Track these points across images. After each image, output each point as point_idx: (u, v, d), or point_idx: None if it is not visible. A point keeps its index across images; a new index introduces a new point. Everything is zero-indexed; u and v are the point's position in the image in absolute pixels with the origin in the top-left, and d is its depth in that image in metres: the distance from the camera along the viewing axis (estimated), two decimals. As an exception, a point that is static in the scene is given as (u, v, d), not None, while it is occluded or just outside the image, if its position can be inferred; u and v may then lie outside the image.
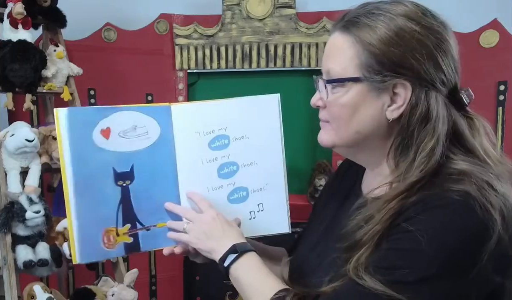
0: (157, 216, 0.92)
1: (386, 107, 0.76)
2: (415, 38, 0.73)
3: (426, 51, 0.73)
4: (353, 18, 0.78)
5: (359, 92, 0.77)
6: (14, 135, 1.39)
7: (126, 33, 1.91)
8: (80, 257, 0.88)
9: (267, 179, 0.94)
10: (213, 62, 1.93)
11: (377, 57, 0.74)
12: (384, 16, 0.75)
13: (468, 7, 1.85)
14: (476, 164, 0.73)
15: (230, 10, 1.89)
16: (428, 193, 0.70)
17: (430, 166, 0.73)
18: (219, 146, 0.93)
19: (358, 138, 0.80)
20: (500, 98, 1.81)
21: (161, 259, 2.00)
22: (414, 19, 0.74)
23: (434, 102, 0.74)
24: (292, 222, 1.04)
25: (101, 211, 0.89)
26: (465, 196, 0.68)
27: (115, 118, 0.89)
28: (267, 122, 0.94)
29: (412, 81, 0.74)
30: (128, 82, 1.90)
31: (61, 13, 1.59)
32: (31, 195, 1.37)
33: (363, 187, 0.87)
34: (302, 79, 1.92)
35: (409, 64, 0.73)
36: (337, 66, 0.78)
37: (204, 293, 2.02)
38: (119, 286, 1.46)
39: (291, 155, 2.01)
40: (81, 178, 0.87)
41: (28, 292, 1.34)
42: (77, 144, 0.86)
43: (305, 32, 1.88)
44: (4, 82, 1.44)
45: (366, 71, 0.75)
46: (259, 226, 0.95)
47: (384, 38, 0.74)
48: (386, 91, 0.76)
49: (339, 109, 0.79)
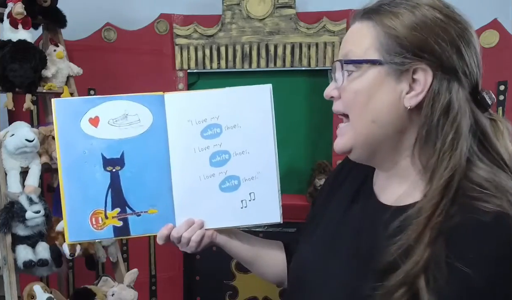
0: (149, 203, 0.94)
1: (404, 94, 0.73)
2: (437, 25, 0.72)
3: (449, 37, 0.72)
4: (374, 7, 0.77)
5: (377, 75, 0.74)
6: (14, 135, 1.39)
7: (126, 33, 1.91)
8: (71, 235, 0.94)
9: (259, 168, 0.95)
10: (213, 62, 1.93)
11: (397, 39, 0.72)
12: (407, 4, 0.74)
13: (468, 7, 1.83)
14: (502, 172, 0.71)
15: (230, 10, 1.89)
16: (470, 216, 0.66)
17: (456, 163, 0.69)
18: (211, 135, 0.94)
19: (375, 130, 0.75)
20: (500, 98, 1.81)
21: (161, 259, 2.00)
22: (437, 8, 0.73)
23: (455, 94, 0.71)
24: (292, 222, 1.05)
25: (89, 193, 0.93)
26: (503, 217, 0.65)
27: (104, 107, 0.93)
28: (259, 111, 0.95)
29: (433, 66, 0.71)
30: (128, 82, 1.89)
31: (61, 13, 1.59)
32: (31, 195, 1.37)
33: (376, 189, 0.84)
34: (302, 79, 1.93)
35: (431, 48, 0.71)
36: (357, 48, 0.76)
37: (204, 293, 2.02)
38: (119, 286, 1.46)
39: (291, 155, 2.03)
40: (70, 162, 0.93)
41: (28, 292, 1.34)
42: (65, 132, 0.93)
43: (305, 32, 1.88)
44: (4, 82, 1.44)
45: (386, 54, 0.73)
46: (251, 215, 0.95)
47: (406, 23, 0.72)
48: (405, 76, 0.73)
49: (354, 95, 0.76)
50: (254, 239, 1.03)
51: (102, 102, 0.94)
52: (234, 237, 1.00)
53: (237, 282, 1.98)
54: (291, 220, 1.05)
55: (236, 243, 0.99)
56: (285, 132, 1.91)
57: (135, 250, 1.96)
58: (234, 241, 0.99)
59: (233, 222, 0.96)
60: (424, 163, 0.74)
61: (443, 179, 0.69)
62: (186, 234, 0.93)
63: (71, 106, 0.94)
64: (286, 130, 1.90)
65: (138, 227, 0.95)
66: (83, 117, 0.93)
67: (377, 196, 0.82)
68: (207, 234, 0.95)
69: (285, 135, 1.92)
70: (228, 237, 0.98)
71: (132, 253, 1.96)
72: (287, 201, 0.91)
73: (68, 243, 0.97)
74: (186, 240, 0.94)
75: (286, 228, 1.07)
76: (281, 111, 1.03)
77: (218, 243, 0.98)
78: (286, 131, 1.91)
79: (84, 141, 0.92)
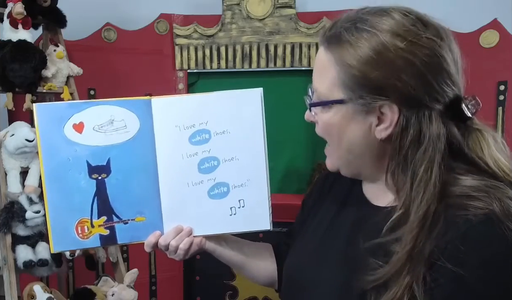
0: (136, 210, 0.93)
1: (375, 127, 0.73)
2: (400, 56, 0.68)
3: (413, 70, 0.68)
4: (336, 32, 0.74)
5: (345, 113, 0.74)
6: (14, 135, 1.39)
7: (126, 33, 1.91)
8: (55, 245, 0.92)
9: (248, 175, 0.93)
10: (213, 62, 1.93)
11: (357, 79, 0.70)
12: (367, 32, 0.70)
13: (468, 7, 1.85)
14: (489, 177, 0.70)
15: (230, 10, 1.89)
16: (459, 219, 0.66)
17: (432, 194, 0.68)
18: (200, 141, 0.92)
19: (351, 157, 0.78)
20: (500, 98, 1.81)
21: (161, 259, 2.00)
22: (401, 34, 0.69)
23: (426, 122, 0.69)
24: (292, 222, 1.05)
25: (74, 202, 0.91)
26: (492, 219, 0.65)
27: (89, 113, 0.91)
28: (249, 117, 0.92)
29: (398, 102, 0.69)
30: (128, 82, 1.89)
31: (61, 13, 1.59)
32: (31, 195, 1.38)
33: (365, 192, 0.84)
34: (302, 79, 1.92)
35: (393, 86, 0.69)
36: (322, 86, 0.76)
37: (204, 293, 2.02)
38: (119, 286, 1.46)
39: (291, 155, 2.03)
40: (53, 170, 0.90)
41: (28, 292, 1.34)
42: (47, 138, 0.90)
43: (305, 32, 1.88)
44: (4, 82, 1.44)
45: (349, 92, 0.72)
46: (240, 223, 0.93)
47: (365, 58, 0.69)
48: (372, 112, 0.72)
49: (326, 128, 0.78)
50: (244, 244, 1.02)
51: (87, 107, 0.91)
52: (224, 243, 0.98)
53: (237, 282, 1.98)
54: (291, 220, 1.05)
55: (226, 249, 0.98)
56: (285, 132, 1.91)
57: (135, 250, 1.96)
58: (224, 247, 0.98)
59: (222, 229, 0.95)
60: (400, 187, 0.73)
61: (421, 211, 0.68)
62: (173, 242, 0.92)
63: (54, 112, 0.91)
64: (286, 130, 1.90)
65: (125, 235, 0.93)
66: (66, 122, 0.90)
67: (369, 200, 0.83)
68: (195, 241, 0.93)
69: (285, 135, 1.92)
70: (218, 244, 0.97)
71: (132, 253, 1.96)
72: (287, 201, 0.91)
73: (53, 252, 0.94)
74: (174, 248, 0.92)
75: (286, 228, 1.07)
76: (281, 111, 1.03)
77: (207, 250, 0.96)
78: (286, 131, 1.91)
79: (68, 148, 0.90)
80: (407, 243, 0.68)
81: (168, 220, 0.93)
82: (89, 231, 0.92)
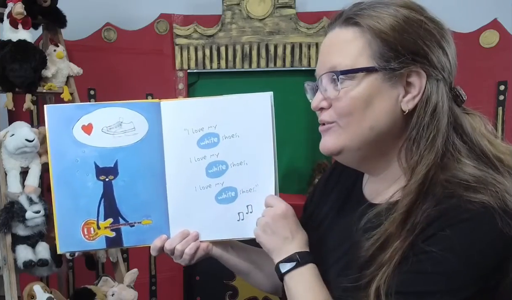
0: (143, 213, 0.92)
1: (401, 98, 0.73)
2: (422, 27, 0.72)
3: (435, 39, 0.73)
4: (354, 12, 0.75)
5: (373, 83, 0.73)
6: (14, 135, 1.39)
7: (126, 33, 1.92)
8: (61, 246, 0.91)
9: (257, 180, 0.91)
10: (213, 62, 1.93)
11: (390, 44, 0.72)
12: (387, 7, 0.74)
13: (468, 7, 1.85)
14: (488, 167, 0.71)
15: (230, 10, 1.89)
16: (448, 206, 0.67)
17: (433, 159, 0.71)
18: (208, 145, 0.91)
19: (371, 136, 0.75)
20: (500, 98, 1.81)
21: (161, 259, 2.00)
22: (417, 10, 0.74)
23: (442, 93, 0.73)
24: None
25: (81, 203, 0.90)
26: (487, 208, 0.66)
27: (98, 114, 0.91)
28: (259, 121, 0.90)
29: (426, 69, 0.72)
30: (128, 82, 1.90)
31: (61, 13, 1.59)
32: (31, 195, 1.38)
33: (365, 193, 0.84)
34: (302, 79, 1.88)
35: (423, 51, 0.72)
36: (346, 59, 0.74)
37: (204, 293, 2.02)
38: (119, 286, 1.46)
39: (291, 155, 2.03)
40: (61, 171, 0.90)
41: (28, 292, 1.34)
42: (57, 139, 0.90)
43: (305, 32, 1.88)
44: (4, 82, 1.44)
45: (379, 60, 0.72)
46: (248, 228, 0.90)
47: (394, 26, 0.72)
48: (400, 81, 0.73)
49: (351, 103, 0.74)
50: (250, 250, 1.00)
51: (96, 109, 0.91)
52: (231, 248, 0.97)
53: (237, 282, 1.98)
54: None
55: (232, 256, 0.97)
56: (285, 132, 1.91)
57: (135, 250, 1.96)
58: (230, 254, 0.97)
59: (229, 235, 0.93)
60: (406, 162, 0.75)
61: (421, 174, 0.71)
62: (179, 247, 0.90)
63: (64, 113, 0.91)
64: (286, 130, 1.90)
65: (131, 238, 0.92)
66: (75, 124, 0.90)
67: (369, 199, 0.83)
68: (202, 246, 0.92)
69: (285, 135, 1.92)
70: (224, 250, 0.96)
71: (132, 253, 1.96)
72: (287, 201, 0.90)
73: (59, 253, 0.93)
74: (179, 253, 0.90)
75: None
76: (281, 111, 1.02)
77: (213, 255, 0.95)
78: (286, 131, 1.91)
79: (76, 149, 0.90)
80: (403, 205, 0.70)
81: (174, 224, 0.92)
82: (95, 233, 0.91)
